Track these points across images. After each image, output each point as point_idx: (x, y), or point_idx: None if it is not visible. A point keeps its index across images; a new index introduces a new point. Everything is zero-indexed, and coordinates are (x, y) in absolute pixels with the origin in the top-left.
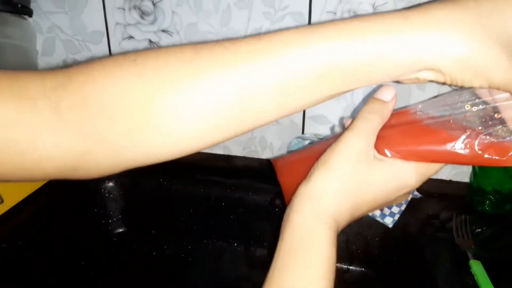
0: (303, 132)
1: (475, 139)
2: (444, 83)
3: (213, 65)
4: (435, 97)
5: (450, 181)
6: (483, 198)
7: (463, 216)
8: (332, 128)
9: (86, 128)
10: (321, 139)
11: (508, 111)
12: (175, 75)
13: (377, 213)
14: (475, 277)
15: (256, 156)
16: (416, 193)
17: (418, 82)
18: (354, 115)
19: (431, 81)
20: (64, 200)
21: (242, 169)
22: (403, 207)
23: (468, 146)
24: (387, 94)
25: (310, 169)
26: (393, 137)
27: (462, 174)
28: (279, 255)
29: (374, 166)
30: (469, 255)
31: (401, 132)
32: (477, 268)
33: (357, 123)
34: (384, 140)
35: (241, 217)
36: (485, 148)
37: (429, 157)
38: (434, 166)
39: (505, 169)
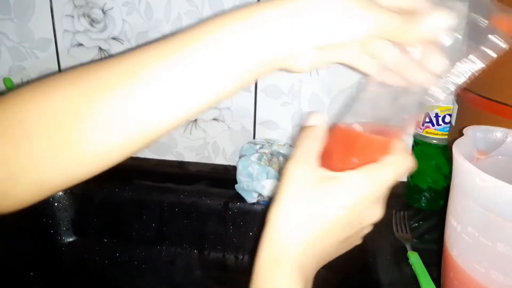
0: (254, 137)
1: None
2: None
3: (120, 81)
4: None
5: None
6: (420, 195)
7: (402, 212)
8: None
9: (7, 151)
10: (270, 143)
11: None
12: (101, 93)
13: None
14: (412, 266)
15: (209, 162)
16: None
17: (300, 69)
18: (301, 122)
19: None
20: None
21: (195, 175)
22: None
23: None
24: (315, 119)
25: None
26: (335, 152)
27: None
28: None
29: (326, 185)
30: (408, 247)
31: (341, 146)
32: (414, 258)
33: (294, 152)
34: (326, 157)
35: (194, 222)
36: None
37: (371, 159)
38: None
39: (439, 168)
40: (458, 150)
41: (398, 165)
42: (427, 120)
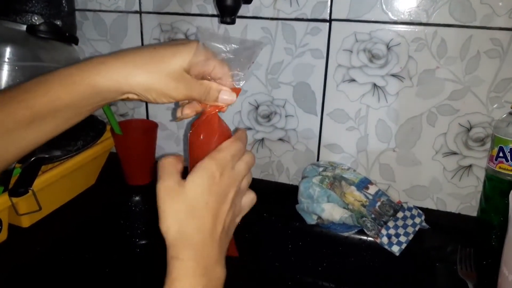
0: (318, 160)
1: None
2: (142, 100)
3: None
4: None
5: (458, 215)
6: (490, 232)
7: (468, 249)
8: (344, 158)
9: None
10: (334, 167)
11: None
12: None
13: (385, 241)
14: None
15: (273, 180)
16: (424, 224)
17: (132, 99)
18: (366, 147)
19: (137, 99)
20: (94, 210)
21: (258, 191)
22: (411, 237)
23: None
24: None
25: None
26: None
27: (470, 208)
28: None
29: (185, 189)
30: (470, 286)
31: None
32: None
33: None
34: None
35: (253, 236)
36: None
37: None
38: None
39: None
40: None
41: (233, 145)
42: (501, 155)
